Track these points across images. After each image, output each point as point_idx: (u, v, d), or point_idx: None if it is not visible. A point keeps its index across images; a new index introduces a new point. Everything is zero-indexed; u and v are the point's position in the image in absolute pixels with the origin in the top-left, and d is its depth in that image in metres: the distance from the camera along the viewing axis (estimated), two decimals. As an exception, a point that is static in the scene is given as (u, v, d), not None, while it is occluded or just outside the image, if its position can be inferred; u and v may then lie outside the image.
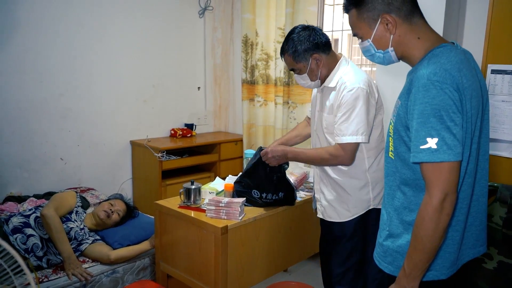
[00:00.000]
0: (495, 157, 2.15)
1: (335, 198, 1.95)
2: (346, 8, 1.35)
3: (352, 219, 1.93)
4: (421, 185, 1.21)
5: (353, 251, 1.96)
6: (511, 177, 2.12)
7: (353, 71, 1.87)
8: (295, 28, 1.94)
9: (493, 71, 2.13)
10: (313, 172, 2.14)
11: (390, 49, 1.29)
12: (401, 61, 1.39)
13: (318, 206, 2.05)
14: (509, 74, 2.08)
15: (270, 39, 3.61)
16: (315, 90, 2.13)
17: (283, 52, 1.95)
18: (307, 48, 1.87)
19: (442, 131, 1.10)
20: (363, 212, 1.93)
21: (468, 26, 2.49)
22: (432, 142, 1.11)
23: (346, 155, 1.82)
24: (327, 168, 1.97)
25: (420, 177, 1.20)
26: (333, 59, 1.93)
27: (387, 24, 1.26)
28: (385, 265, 1.34)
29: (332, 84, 1.89)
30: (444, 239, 1.21)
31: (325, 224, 2.04)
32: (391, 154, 1.32)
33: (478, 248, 1.35)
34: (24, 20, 2.93)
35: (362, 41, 1.34)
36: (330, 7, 3.51)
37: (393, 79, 2.52)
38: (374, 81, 1.94)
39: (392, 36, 1.27)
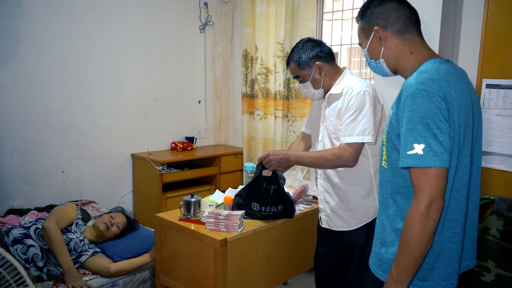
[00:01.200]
0: (491, 170, 2.18)
1: (340, 206, 1.97)
2: (357, 19, 1.47)
3: (360, 228, 1.95)
4: (412, 193, 1.23)
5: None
6: (507, 190, 2.14)
7: (358, 79, 1.96)
8: (301, 39, 2.08)
9: (488, 86, 2.17)
10: (316, 182, 2.16)
11: (381, 60, 1.38)
12: (396, 75, 1.46)
13: (323, 216, 2.07)
14: (503, 88, 2.12)
15: (270, 54, 3.66)
16: (315, 105, 2.17)
17: (288, 60, 2.07)
18: (311, 57, 1.99)
19: (428, 138, 1.14)
20: (370, 220, 1.94)
21: (463, 42, 2.53)
22: (418, 148, 1.15)
23: (351, 155, 1.85)
24: (332, 176, 1.99)
25: (411, 185, 1.23)
26: (336, 71, 2.03)
27: (379, 37, 1.35)
28: (380, 273, 1.36)
29: (337, 91, 1.96)
30: (431, 247, 1.22)
31: (332, 235, 2.05)
32: (384, 163, 1.36)
33: (467, 261, 1.36)
34: (27, 35, 2.98)
35: (362, 49, 1.46)
36: (329, 22, 3.57)
37: (390, 92, 2.56)
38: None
39: (383, 48, 1.35)
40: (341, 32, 3.52)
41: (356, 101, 1.85)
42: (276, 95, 3.61)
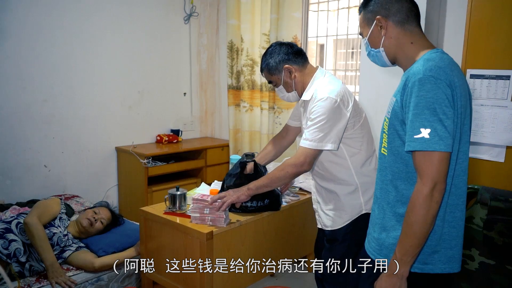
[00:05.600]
0: (475, 160, 2.19)
1: (330, 207, 1.97)
2: (359, 10, 1.49)
3: (344, 226, 1.95)
4: (413, 178, 1.28)
5: (345, 255, 1.97)
6: (490, 179, 2.17)
7: (327, 82, 1.89)
8: (271, 44, 2.04)
9: (472, 76, 2.17)
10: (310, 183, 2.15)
11: (381, 49, 1.41)
12: (384, 67, 1.51)
13: (317, 217, 2.07)
14: (487, 78, 2.13)
15: (255, 45, 3.64)
16: (298, 105, 2.16)
17: (261, 68, 2.05)
18: (279, 60, 1.96)
19: (434, 123, 1.18)
20: (356, 217, 1.93)
21: (447, 32, 2.54)
22: (425, 132, 1.19)
23: (305, 160, 1.84)
24: (318, 180, 1.99)
25: (412, 170, 1.28)
26: (309, 71, 1.97)
27: (380, 26, 1.39)
28: (381, 258, 1.38)
29: (308, 97, 1.92)
30: (433, 231, 1.26)
31: (321, 230, 2.08)
32: (383, 151, 1.40)
33: None
34: (7, 26, 2.90)
35: (363, 38, 1.48)
36: (315, 13, 3.55)
37: (375, 84, 2.56)
38: (352, 92, 1.95)
39: (384, 37, 1.39)
40: (327, 23, 3.50)
41: (318, 108, 1.81)
42: (262, 87, 3.58)
